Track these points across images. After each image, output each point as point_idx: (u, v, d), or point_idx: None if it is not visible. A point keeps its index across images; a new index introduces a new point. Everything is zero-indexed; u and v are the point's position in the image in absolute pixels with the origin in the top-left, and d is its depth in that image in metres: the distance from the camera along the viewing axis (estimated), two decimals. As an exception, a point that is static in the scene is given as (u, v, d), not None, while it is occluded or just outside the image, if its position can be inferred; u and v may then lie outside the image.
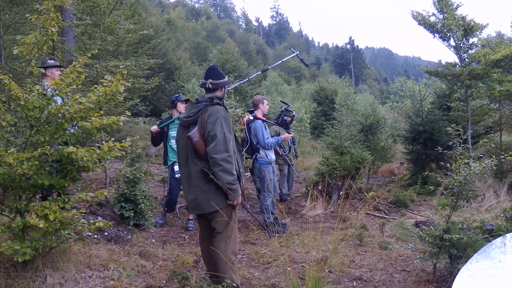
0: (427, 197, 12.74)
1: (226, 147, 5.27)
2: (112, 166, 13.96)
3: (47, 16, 5.28)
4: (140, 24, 16.63)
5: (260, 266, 7.15)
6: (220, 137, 5.24)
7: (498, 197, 11.37)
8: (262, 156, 9.40)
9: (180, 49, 49.27)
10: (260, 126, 9.37)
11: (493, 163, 6.46)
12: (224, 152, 5.23)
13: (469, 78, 13.86)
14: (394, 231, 9.49)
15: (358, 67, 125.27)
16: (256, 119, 9.44)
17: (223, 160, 5.21)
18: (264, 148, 9.34)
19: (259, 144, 9.34)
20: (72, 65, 5.39)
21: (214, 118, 5.31)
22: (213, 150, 5.21)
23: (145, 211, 8.54)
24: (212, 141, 5.24)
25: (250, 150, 9.51)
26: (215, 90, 5.71)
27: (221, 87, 5.75)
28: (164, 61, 30.67)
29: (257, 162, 9.49)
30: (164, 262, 6.97)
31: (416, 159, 15.20)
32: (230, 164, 5.26)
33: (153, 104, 29.84)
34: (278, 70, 76.56)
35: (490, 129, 16.78)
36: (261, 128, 9.36)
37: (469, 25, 13.84)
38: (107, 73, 9.18)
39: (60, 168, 5.42)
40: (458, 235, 6.27)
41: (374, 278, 6.74)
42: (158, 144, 9.77)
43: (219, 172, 5.22)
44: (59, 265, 5.62)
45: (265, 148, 9.35)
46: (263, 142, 9.29)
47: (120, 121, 5.49)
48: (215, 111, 5.38)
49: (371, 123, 15.24)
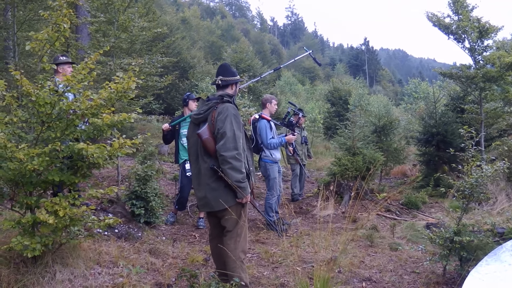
0: (439, 199, 12.68)
1: (236, 144, 5.27)
2: (125, 164, 14.00)
3: (59, 13, 5.28)
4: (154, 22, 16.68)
5: (269, 265, 7.14)
6: (229, 135, 5.24)
7: (510, 200, 11.30)
8: (267, 155, 9.46)
9: (195, 47, 49.37)
10: (264, 125, 9.42)
11: (505, 166, 6.43)
12: (233, 150, 5.23)
13: (483, 80, 13.78)
14: (405, 232, 9.45)
15: (372, 68, 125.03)
16: (262, 119, 9.49)
17: (232, 158, 5.21)
18: (267, 148, 9.40)
19: (262, 143, 9.39)
20: (84, 62, 5.40)
21: (224, 116, 5.32)
22: (223, 147, 5.22)
23: (156, 208, 8.55)
24: (222, 138, 5.24)
25: (256, 149, 9.51)
26: (226, 87, 5.73)
27: (231, 84, 5.77)
28: (178, 59, 30.73)
29: (262, 161, 9.56)
30: (174, 260, 6.98)
31: (429, 161, 15.13)
32: (239, 162, 5.26)
33: (167, 103, 29.89)
34: (292, 70, 76.59)
35: (504, 132, 16.67)
36: (265, 128, 9.40)
37: (484, 27, 13.76)
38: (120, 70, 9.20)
39: (70, 164, 5.43)
40: (468, 237, 6.24)
41: (384, 279, 6.72)
42: (170, 142, 9.77)
43: (228, 170, 5.23)
44: (69, 261, 5.63)
45: (268, 148, 9.41)
46: (266, 141, 9.35)
47: (131, 118, 5.49)
48: (225, 108, 5.39)
49: (384, 124, 15.19)
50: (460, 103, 17.20)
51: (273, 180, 9.47)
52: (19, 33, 10.55)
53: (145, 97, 14.07)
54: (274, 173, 9.48)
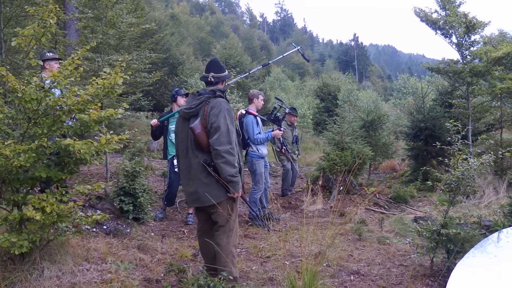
0: (428, 193, 12.74)
1: (229, 139, 5.28)
2: (114, 161, 13.97)
3: (45, 8, 5.28)
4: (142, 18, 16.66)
5: (258, 260, 7.17)
6: (223, 129, 5.24)
7: (497, 194, 11.37)
8: (253, 150, 9.45)
9: (184, 44, 49.24)
10: (251, 121, 9.39)
11: (491, 159, 6.48)
12: (227, 144, 5.24)
13: (470, 75, 13.83)
14: (393, 226, 9.50)
15: (362, 64, 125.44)
16: (248, 114, 9.45)
17: (226, 152, 5.22)
18: (253, 143, 9.38)
19: (249, 139, 9.36)
20: (71, 58, 5.39)
21: (218, 110, 5.31)
22: (216, 141, 5.21)
23: (144, 205, 8.56)
24: (215, 132, 5.23)
25: (242, 144, 9.48)
26: (217, 83, 5.72)
27: (222, 80, 5.78)
28: (167, 55, 30.66)
29: (249, 156, 9.54)
30: (163, 256, 6.99)
31: (417, 155, 15.21)
32: (232, 156, 5.28)
33: (156, 99, 29.83)
34: (282, 66, 76.61)
35: (491, 126, 16.77)
36: (252, 123, 9.38)
37: (471, 23, 13.80)
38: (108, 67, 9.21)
39: (58, 160, 5.40)
40: (455, 230, 6.29)
41: (372, 272, 6.76)
42: (158, 138, 9.78)
43: (222, 164, 5.24)
44: (57, 258, 5.62)
45: (254, 143, 9.39)
46: (253, 137, 9.32)
47: (118, 113, 5.48)
48: (218, 103, 5.39)
49: (373, 119, 15.22)
50: (448, 98, 17.28)
51: (259, 175, 9.47)
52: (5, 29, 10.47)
53: (134, 94, 14.07)
54: (260, 168, 9.49)
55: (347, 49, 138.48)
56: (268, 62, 11.04)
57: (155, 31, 23.98)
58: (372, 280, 6.48)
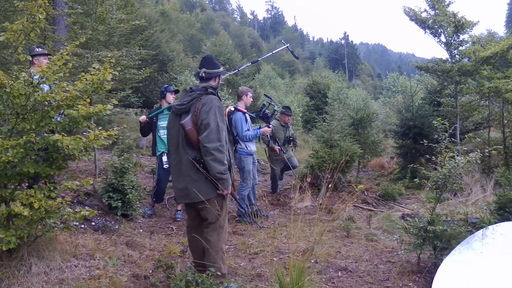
0: (416, 190, 12.81)
1: (219, 136, 5.31)
2: (103, 158, 13.94)
3: (34, 3, 5.26)
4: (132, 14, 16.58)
5: (246, 256, 7.20)
6: (213, 126, 5.27)
7: (484, 191, 11.44)
8: (242, 147, 9.40)
9: (174, 40, 49.12)
10: (239, 118, 9.35)
11: (477, 157, 6.53)
12: (216, 142, 5.26)
13: (459, 74, 13.89)
14: (381, 223, 9.56)
15: (352, 62, 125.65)
16: (237, 111, 9.43)
17: (215, 149, 5.25)
18: (242, 140, 9.34)
19: (237, 136, 9.33)
20: (60, 53, 5.38)
21: (208, 107, 5.35)
22: (206, 139, 5.25)
23: (133, 201, 8.57)
24: (205, 129, 5.27)
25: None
26: (209, 79, 5.77)
27: (215, 76, 5.81)
28: (157, 52, 30.60)
29: (237, 153, 9.47)
30: (151, 252, 7.00)
31: (406, 153, 15.25)
32: (222, 153, 5.30)
33: (145, 96, 29.78)
34: (272, 64, 76.67)
35: (479, 125, 16.86)
36: (241, 120, 9.34)
37: (460, 22, 13.85)
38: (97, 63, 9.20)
39: (46, 156, 5.39)
40: (441, 226, 6.35)
41: (359, 268, 6.81)
42: (147, 134, 9.77)
43: (211, 162, 5.26)
44: (45, 254, 5.61)
45: (243, 140, 9.35)
46: (241, 134, 9.28)
47: (107, 109, 5.48)
48: (209, 100, 5.43)
49: (362, 117, 15.25)
50: (437, 96, 17.40)
51: (248, 172, 9.45)
52: (-5, 24, 10.45)
53: (123, 90, 14.02)
54: (248, 165, 9.47)
55: (337, 47, 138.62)
56: (257, 59, 11.03)
57: (145, 27, 23.91)
58: (360, 276, 6.52)
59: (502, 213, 7.00)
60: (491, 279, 5.36)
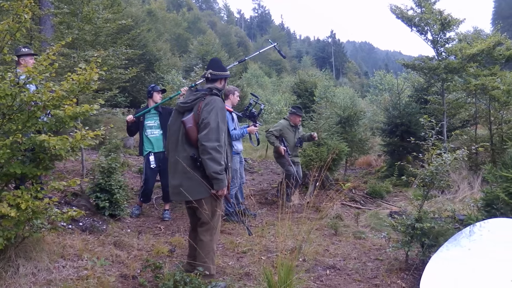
0: (403, 188, 12.85)
1: (218, 136, 5.37)
2: (90, 158, 13.91)
3: (20, 3, 5.24)
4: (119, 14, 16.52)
5: (234, 255, 7.20)
6: (213, 126, 5.34)
7: (472, 188, 11.51)
8: None
9: (161, 40, 48.97)
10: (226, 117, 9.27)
11: (464, 154, 6.56)
12: (215, 141, 5.32)
13: (445, 71, 13.97)
14: (369, 221, 9.60)
15: (339, 61, 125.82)
16: None
17: (213, 149, 5.30)
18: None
19: None
20: (46, 53, 5.36)
21: (211, 107, 5.43)
22: (205, 137, 5.31)
23: (120, 201, 8.55)
24: (205, 128, 5.34)
25: None
26: (215, 81, 5.84)
27: (220, 79, 5.89)
28: (143, 52, 30.48)
29: None
30: (139, 252, 6.99)
31: (393, 151, 15.31)
32: (219, 153, 5.35)
33: (132, 96, 29.66)
34: (259, 63, 76.62)
35: (466, 122, 16.95)
36: (227, 119, 9.24)
37: (446, 20, 13.93)
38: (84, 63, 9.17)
39: (32, 156, 5.38)
40: (429, 224, 6.37)
41: (348, 266, 6.83)
42: (134, 134, 9.73)
43: (208, 161, 5.32)
44: (32, 255, 5.59)
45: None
46: None
47: (94, 109, 5.46)
48: (212, 100, 5.51)
49: (349, 115, 15.28)
50: (423, 94, 17.46)
51: (234, 171, 9.37)
52: (-20, 25, 10.39)
53: (110, 90, 13.96)
54: (235, 164, 9.41)
55: (324, 45, 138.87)
56: (244, 58, 11.00)
57: (131, 27, 23.82)
58: (348, 274, 6.54)
59: (490, 210, 7.03)
60: (479, 275, 5.39)
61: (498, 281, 5.24)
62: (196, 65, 25.02)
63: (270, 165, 18.28)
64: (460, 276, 5.49)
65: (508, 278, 5.20)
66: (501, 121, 13.42)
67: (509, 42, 14.49)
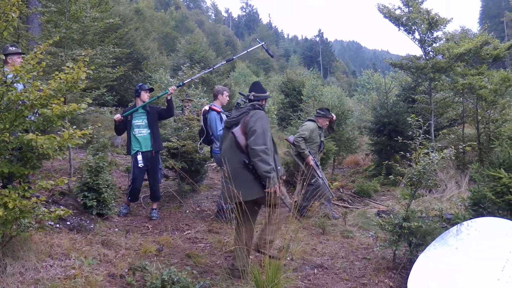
0: (391, 187, 12.90)
1: (265, 140, 6.03)
2: (78, 156, 13.85)
3: (7, 2, 5.21)
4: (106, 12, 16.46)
5: (222, 254, 7.23)
6: (259, 132, 6.02)
7: (459, 187, 11.57)
8: (218, 147, 9.04)
9: (148, 39, 48.82)
10: (214, 117, 9.31)
11: (451, 153, 6.59)
12: (262, 145, 5.96)
13: (433, 71, 14.03)
14: (356, 220, 9.63)
15: (326, 60, 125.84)
16: (212, 110, 9.37)
17: (262, 151, 5.91)
18: (217, 139, 9.18)
19: (213, 135, 9.32)
20: (33, 52, 5.34)
21: (256, 118, 6.14)
22: (253, 142, 5.96)
23: (108, 200, 8.54)
24: (252, 135, 6.01)
25: (206, 140, 9.52)
26: (257, 101, 6.56)
27: (261, 99, 6.64)
28: (131, 50, 30.36)
29: (214, 152, 9.41)
30: (127, 251, 6.98)
31: (381, 150, 15.33)
32: (267, 155, 5.95)
33: (120, 94, 29.51)
34: (247, 62, 76.52)
35: (454, 121, 17.00)
36: (215, 120, 9.29)
37: (433, 19, 13.99)
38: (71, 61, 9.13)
39: (20, 156, 5.37)
40: (417, 223, 6.41)
41: (335, 265, 6.86)
42: (122, 133, 9.71)
43: (258, 162, 5.91)
44: (20, 254, 5.57)
45: (218, 140, 9.13)
46: (216, 133, 9.22)
47: (81, 108, 5.45)
48: (256, 113, 6.25)
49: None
50: (411, 93, 17.50)
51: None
52: (-34, 23, 10.33)
53: (98, 89, 13.92)
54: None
55: (312, 44, 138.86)
56: (232, 57, 11.01)
57: (119, 25, 23.69)
58: (336, 273, 6.57)
59: (477, 209, 7.07)
60: (466, 274, 5.42)
61: (485, 280, 5.27)
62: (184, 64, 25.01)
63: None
64: (447, 275, 5.53)
65: (495, 277, 5.24)
66: (488, 120, 13.46)
67: (496, 41, 14.59)
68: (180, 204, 10.32)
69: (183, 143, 10.25)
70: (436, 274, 5.65)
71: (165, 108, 9.65)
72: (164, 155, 10.39)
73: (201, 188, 11.97)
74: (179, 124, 11.02)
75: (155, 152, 9.32)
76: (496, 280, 5.19)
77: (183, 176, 10.42)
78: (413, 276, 5.76)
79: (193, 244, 7.78)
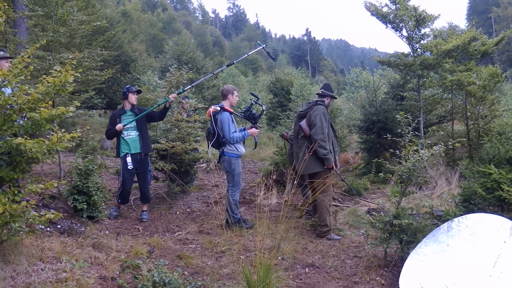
0: (381, 185, 12.93)
1: (323, 131, 8.26)
2: (67, 160, 13.81)
3: (-7, 6, 5.20)
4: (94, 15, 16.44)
5: (213, 255, 7.21)
6: (318, 125, 8.29)
7: (449, 184, 11.60)
8: (232, 149, 8.76)
9: (136, 41, 48.78)
10: (227, 118, 8.68)
11: (441, 149, 6.61)
12: (320, 135, 8.21)
13: (421, 68, 14.03)
14: (347, 218, 9.63)
15: (315, 59, 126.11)
16: (224, 111, 8.76)
17: (320, 139, 8.15)
18: (229, 142, 8.67)
19: (224, 137, 8.68)
20: (21, 56, 5.32)
21: (316, 113, 8.41)
22: (314, 133, 8.28)
23: (98, 203, 8.53)
24: (314, 127, 8.33)
25: (216, 143, 8.88)
26: (324, 97, 8.99)
27: (327, 96, 9.02)
28: (119, 53, 30.29)
29: (226, 155, 8.79)
30: (118, 253, 6.94)
31: (370, 148, 15.35)
32: (324, 142, 8.22)
33: (109, 97, 29.44)
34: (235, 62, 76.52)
35: (443, 118, 17.05)
36: (228, 121, 8.67)
37: (421, 16, 14.00)
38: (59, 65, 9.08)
39: (9, 160, 5.35)
40: (407, 220, 6.42)
41: (327, 264, 6.87)
42: (113, 138, 9.66)
43: (318, 148, 8.12)
44: (11, 258, 5.56)
45: (230, 143, 8.69)
46: (229, 136, 8.62)
47: (70, 111, 5.44)
48: (318, 108, 8.51)
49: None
50: (400, 90, 17.56)
51: (238, 175, 8.90)
52: (-47, 28, 10.27)
53: (86, 92, 13.87)
54: (239, 168, 8.94)
55: (300, 44, 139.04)
56: (233, 62, 11.03)
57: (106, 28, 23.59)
58: (327, 272, 6.58)
59: (467, 205, 7.09)
60: (458, 271, 5.44)
61: (477, 276, 5.29)
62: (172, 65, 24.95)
63: (248, 164, 18.28)
64: (439, 272, 5.55)
65: (487, 273, 5.26)
66: (478, 117, 13.51)
67: (484, 37, 14.65)
68: (170, 206, 10.32)
69: (172, 144, 10.24)
70: (427, 271, 5.67)
71: (159, 111, 9.65)
72: (154, 156, 10.38)
73: (191, 189, 11.97)
74: (168, 125, 11.01)
75: (144, 155, 9.30)
76: (488, 276, 5.21)
77: (173, 177, 10.41)
78: (404, 274, 5.77)
79: (184, 245, 7.77)
